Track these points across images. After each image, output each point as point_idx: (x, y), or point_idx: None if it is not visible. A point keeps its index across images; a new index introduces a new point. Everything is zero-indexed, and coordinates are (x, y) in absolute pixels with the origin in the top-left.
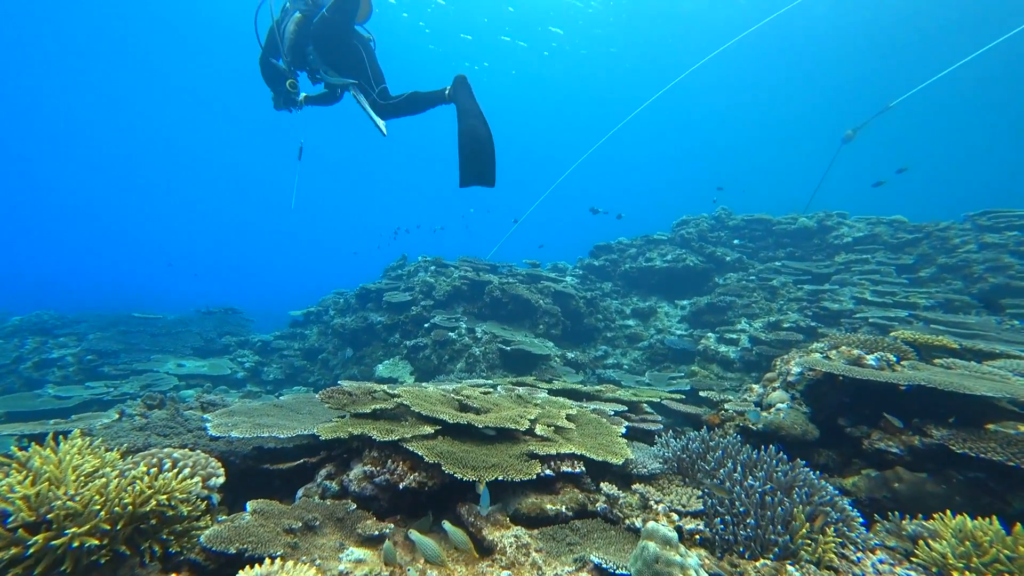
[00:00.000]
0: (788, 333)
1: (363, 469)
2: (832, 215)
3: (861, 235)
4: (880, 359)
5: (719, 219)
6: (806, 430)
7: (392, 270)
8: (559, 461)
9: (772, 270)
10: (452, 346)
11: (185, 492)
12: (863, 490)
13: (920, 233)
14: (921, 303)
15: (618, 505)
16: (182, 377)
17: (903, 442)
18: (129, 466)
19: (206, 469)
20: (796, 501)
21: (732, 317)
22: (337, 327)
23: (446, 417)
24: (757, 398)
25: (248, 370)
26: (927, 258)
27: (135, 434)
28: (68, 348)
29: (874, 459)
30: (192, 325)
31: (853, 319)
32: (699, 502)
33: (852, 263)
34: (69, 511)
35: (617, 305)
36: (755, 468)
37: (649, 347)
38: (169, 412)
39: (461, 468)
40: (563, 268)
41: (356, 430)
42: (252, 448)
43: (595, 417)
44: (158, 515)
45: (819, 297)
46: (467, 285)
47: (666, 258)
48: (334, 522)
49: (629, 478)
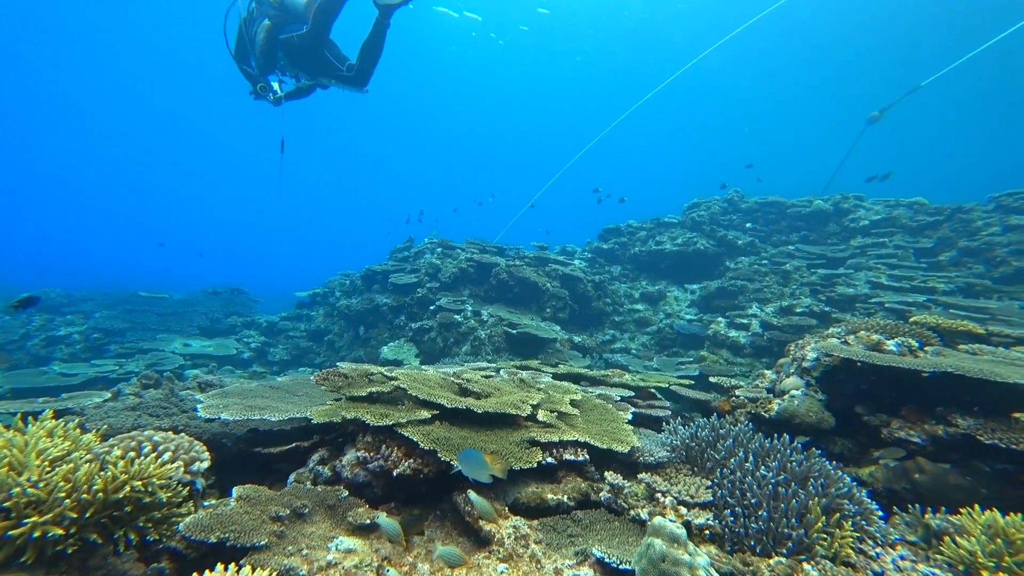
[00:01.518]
0: (801, 318)
1: (356, 455)
2: (849, 197)
3: (878, 218)
4: (901, 344)
5: (731, 202)
6: (821, 418)
7: (398, 252)
8: (562, 448)
9: (785, 254)
10: (458, 329)
11: (164, 477)
12: (881, 480)
13: (941, 215)
14: (940, 287)
15: (623, 495)
16: (188, 356)
17: (925, 431)
18: (105, 449)
19: (189, 453)
20: (811, 493)
21: (743, 302)
22: (343, 309)
23: (444, 401)
24: (770, 384)
25: (254, 351)
26: (947, 241)
27: (125, 414)
28: (75, 326)
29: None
30: (198, 305)
31: (868, 304)
32: (708, 492)
33: (868, 247)
34: (30, 498)
35: (626, 289)
36: (768, 457)
37: (658, 332)
38: (164, 392)
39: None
40: (571, 251)
41: (350, 414)
42: (247, 430)
43: (600, 403)
44: (133, 502)
45: (833, 281)
46: (473, 267)
47: (676, 241)
48: (325, 509)
49: (635, 467)
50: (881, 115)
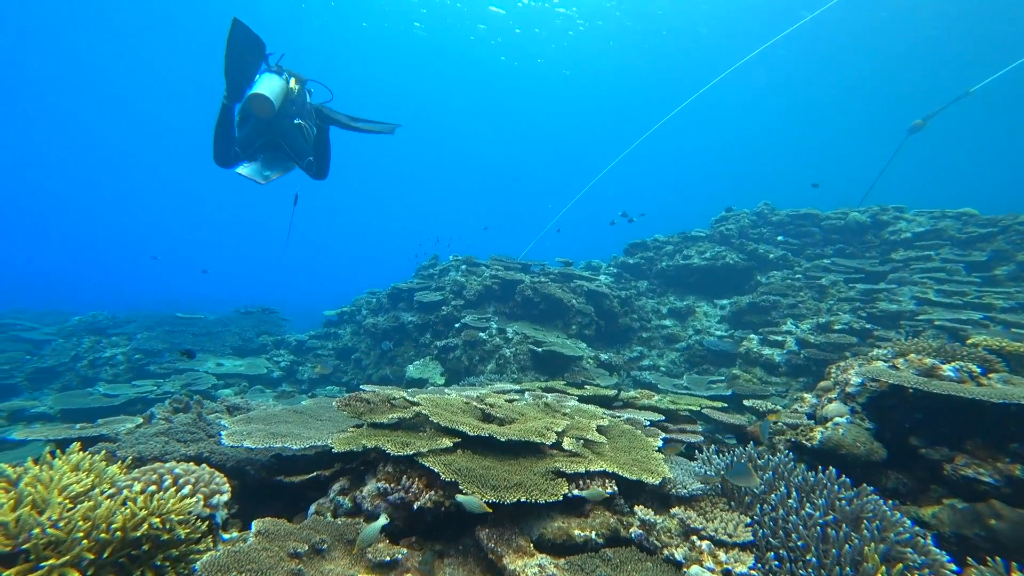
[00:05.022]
0: (840, 335)
1: (377, 486)
2: (888, 209)
3: (922, 230)
4: (960, 370)
5: (761, 215)
6: (871, 449)
7: (424, 269)
8: (589, 480)
9: (820, 268)
10: (483, 347)
11: (183, 513)
12: (947, 524)
13: (995, 227)
14: (998, 304)
15: (655, 532)
16: (220, 376)
17: (999, 470)
18: (127, 483)
19: (209, 486)
20: (866, 537)
21: (776, 317)
22: (369, 327)
23: (466, 429)
24: (810, 409)
25: (284, 369)
26: (1003, 254)
27: (155, 440)
28: (119, 347)
29: (960, 487)
30: (231, 325)
31: (915, 321)
32: (747, 531)
33: (912, 260)
34: (49, 539)
35: (653, 304)
36: (813, 493)
37: (687, 348)
38: (192, 416)
39: (480, 488)
40: (597, 266)
41: (370, 442)
42: (271, 456)
43: (629, 428)
44: (151, 539)
45: (874, 297)
46: (498, 284)
47: (705, 255)
48: (344, 545)
49: (667, 499)
50: (924, 123)
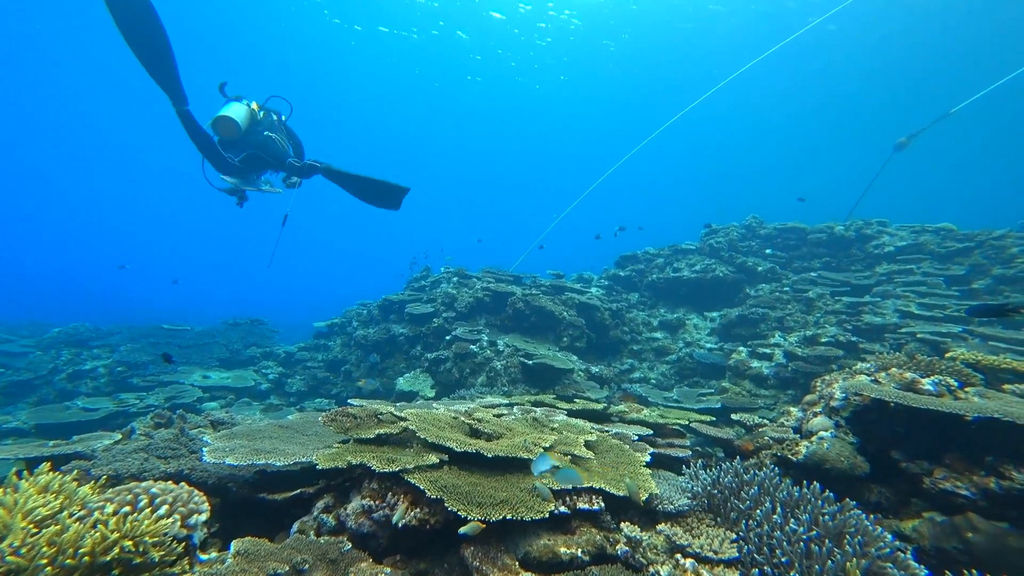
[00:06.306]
0: (827, 348)
1: (362, 503)
2: (872, 223)
3: (904, 244)
4: (939, 384)
5: (750, 228)
6: (854, 463)
7: (415, 281)
8: (575, 496)
9: (807, 281)
10: (473, 359)
11: (158, 534)
12: (927, 537)
13: (972, 242)
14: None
15: (641, 549)
16: (206, 389)
17: (975, 484)
18: (99, 504)
19: (187, 505)
20: (848, 553)
21: (765, 330)
22: (360, 339)
23: (453, 445)
24: (796, 423)
25: (272, 382)
26: (981, 269)
27: (133, 457)
28: (101, 360)
29: (938, 501)
30: (218, 336)
31: (898, 334)
32: (733, 548)
33: (895, 274)
34: (9, 567)
35: (644, 317)
36: (797, 508)
37: (678, 361)
38: (174, 432)
39: (466, 505)
40: (588, 279)
41: (355, 459)
42: (255, 473)
43: (617, 443)
44: (123, 563)
45: (859, 310)
46: (489, 297)
47: (694, 268)
48: (326, 564)
49: (654, 515)
50: (909, 141)
